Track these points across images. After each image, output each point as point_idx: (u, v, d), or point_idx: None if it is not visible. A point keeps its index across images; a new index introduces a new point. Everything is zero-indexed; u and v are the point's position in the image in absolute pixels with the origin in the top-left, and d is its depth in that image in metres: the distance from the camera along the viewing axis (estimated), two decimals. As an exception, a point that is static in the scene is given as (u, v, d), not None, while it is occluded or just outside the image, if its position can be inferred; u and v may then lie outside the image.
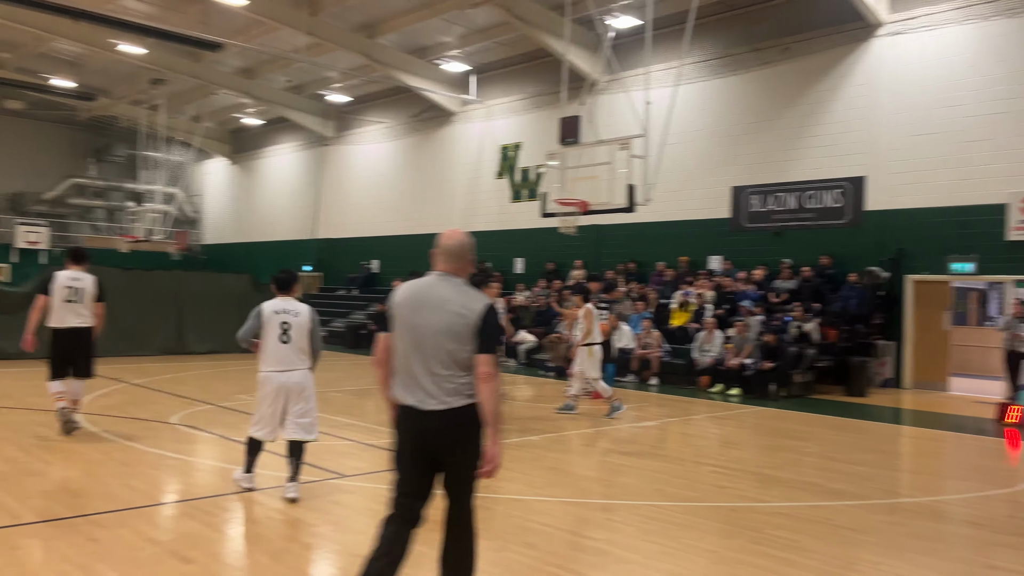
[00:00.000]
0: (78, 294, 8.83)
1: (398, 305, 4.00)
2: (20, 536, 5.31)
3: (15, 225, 32.21)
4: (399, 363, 3.97)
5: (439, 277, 4.01)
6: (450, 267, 4.03)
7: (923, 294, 16.15)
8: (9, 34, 25.58)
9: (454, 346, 3.85)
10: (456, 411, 3.84)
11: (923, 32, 16.06)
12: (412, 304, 3.96)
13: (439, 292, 3.95)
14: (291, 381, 6.40)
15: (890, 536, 5.90)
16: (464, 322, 3.85)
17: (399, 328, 3.97)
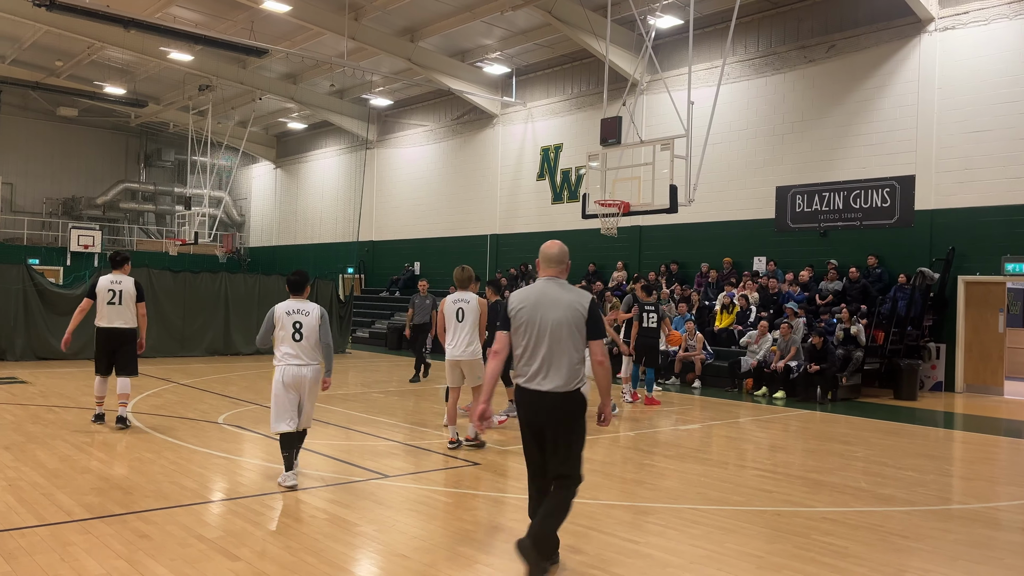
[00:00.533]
0: (118, 296, 9.34)
1: (517, 306, 4.79)
2: (73, 532, 5.44)
3: (70, 229, 33.10)
4: (523, 354, 4.79)
5: (548, 281, 4.85)
6: (554, 271, 4.89)
7: (976, 295, 15.74)
8: (63, 43, 26.35)
9: (571, 335, 4.70)
10: (570, 393, 4.71)
11: (974, 27, 15.66)
12: (532, 304, 4.77)
13: (552, 293, 4.78)
14: (302, 374, 6.81)
15: (942, 543, 5.75)
16: (578, 315, 4.71)
17: (522, 325, 4.78)
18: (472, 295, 8.61)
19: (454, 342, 8.54)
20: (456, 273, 8.75)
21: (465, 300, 8.59)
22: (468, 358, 8.52)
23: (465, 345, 8.51)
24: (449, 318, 8.59)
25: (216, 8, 22.27)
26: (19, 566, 4.75)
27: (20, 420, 9.77)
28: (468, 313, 8.54)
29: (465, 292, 8.66)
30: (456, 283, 8.72)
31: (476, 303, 8.56)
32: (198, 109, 30.73)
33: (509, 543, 5.49)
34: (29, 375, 14.43)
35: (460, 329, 8.52)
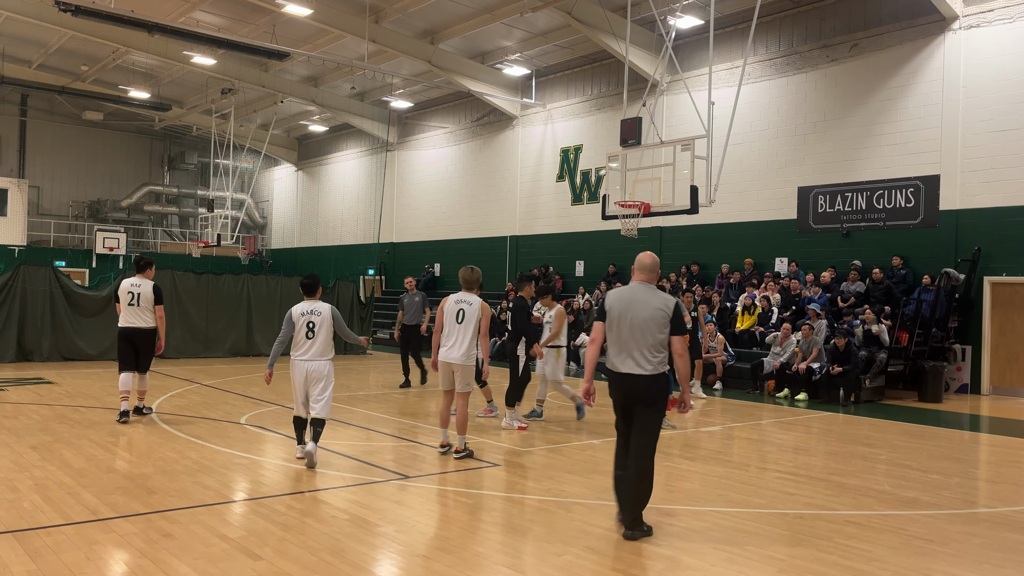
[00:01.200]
0: (137, 298, 10.02)
1: (612, 304, 5.77)
2: (98, 531, 5.51)
3: (95, 231, 33.52)
4: (615, 343, 5.71)
5: (640, 284, 5.80)
6: (646, 277, 5.83)
7: (1002, 296, 15.53)
8: (88, 48, 26.71)
9: (657, 331, 5.63)
10: (654, 376, 5.64)
11: (1000, 25, 15.46)
12: (625, 303, 5.72)
13: (642, 295, 5.73)
14: (313, 368, 7.67)
15: (967, 547, 5.68)
16: (664, 315, 5.64)
17: (615, 319, 5.70)
18: (476, 297, 8.23)
19: (450, 344, 8.12)
20: (463, 273, 8.43)
21: (467, 302, 8.19)
22: (462, 363, 8.06)
23: (462, 348, 8.06)
24: (449, 318, 8.20)
25: (238, 12, 22.47)
26: (45, 564, 4.81)
27: (47, 420, 9.91)
28: (469, 316, 8.11)
29: (469, 293, 8.29)
30: (462, 283, 8.39)
31: (478, 306, 8.13)
32: (221, 112, 31.01)
33: (528, 544, 5.49)
34: (55, 376, 14.64)
35: (458, 331, 8.09)
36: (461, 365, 8.08)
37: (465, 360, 8.05)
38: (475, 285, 8.36)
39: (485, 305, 8.15)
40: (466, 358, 8.05)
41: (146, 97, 30.02)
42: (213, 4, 22.01)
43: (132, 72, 28.92)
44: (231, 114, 29.45)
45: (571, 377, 17.44)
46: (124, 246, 33.72)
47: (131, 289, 10.02)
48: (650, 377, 5.63)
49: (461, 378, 8.15)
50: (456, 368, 8.11)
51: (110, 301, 18.00)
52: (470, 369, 8.12)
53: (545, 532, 5.79)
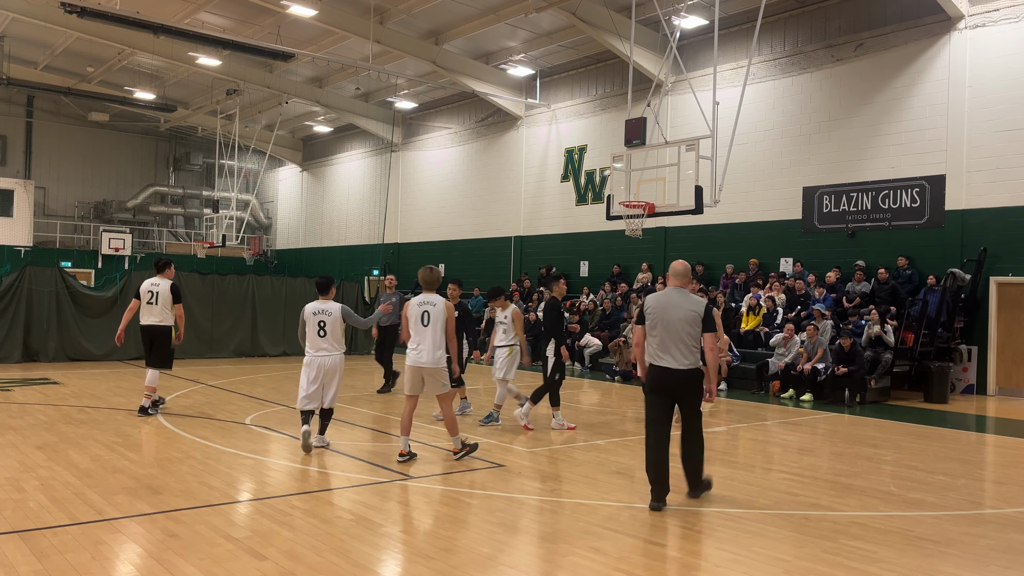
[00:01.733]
0: (155, 297, 10.50)
1: (652, 307, 6.60)
2: (104, 531, 5.53)
3: (101, 232, 33.62)
4: (655, 342, 6.54)
5: (674, 289, 6.64)
6: (680, 282, 6.68)
7: (1008, 297, 15.48)
8: (94, 49, 26.79)
9: (691, 330, 6.45)
10: (691, 370, 6.47)
11: (1005, 24, 15.42)
12: (662, 306, 6.55)
13: (676, 299, 6.56)
14: (327, 362, 8.34)
15: (973, 548, 5.66)
16: (696, 315, 6.46)
17: (655, 321, 6.54)
18: (439, 298, 8.00)
19: (417, 347, 7.88)
20: (423, 274, 8.13)
21: (431, 303, 7.93)
22: (431, 365, 7.84)
23: (429, 352, 7.83)
24: (413, 321, 7.94)
25: (243, 13, 22.51)
26: (51, 564, 4.83)
27: (53, 420, 9.94)
28: (434, 317, 7.87)
29: (431, 294, 8.02)
30: (423, 284, 8.10)
31: (443, 307, 7.92)
32: (226, 113, 31.09)
33: (533, 545, 5.49)
34: (61, 376, 14.68)
35: (425, 334, 7.86)
36: (431, 369, 7.86)
37: (435, 363, 7.85)
38: (436, 286, 8.10)
39: (450, 305, 7.99)
40: (435, 361, 7.86)
41: (151, 98, 30.10)
42: (218, 5, 22.05)
43: (137, 73, 29.00)
44: (236, 115, 29.51)
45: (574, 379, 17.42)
46: (130, 247, 33.82)
47: (151, 288, 10.54)
48: (687, 370, 6.48)
49: (433, 382, 7.93)
50: (425, 372, 7.89)
51: (116, 301, 18.05)
52: (441, 371, 7.91)
53: (550, 532, 5.79)
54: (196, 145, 38.83)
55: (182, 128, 36.77)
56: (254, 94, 29.20)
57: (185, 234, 38.48)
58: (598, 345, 18.94)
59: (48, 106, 34.62)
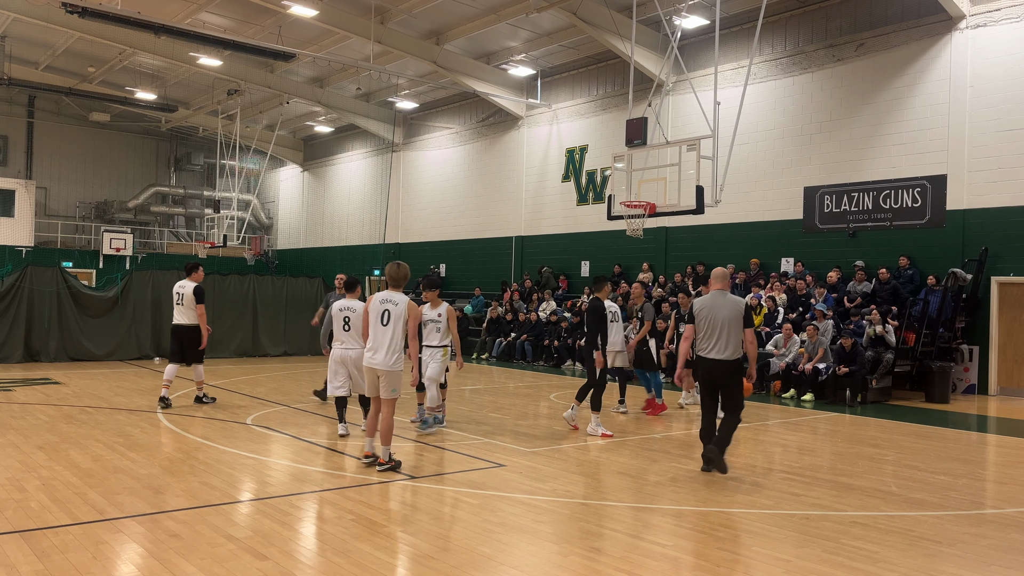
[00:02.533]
0: (181, 299, 11.31)
1: (699, 308, 7.79)
2: (105, 531, 5.53)
3: (102, 232, 33.64)
4: (703, 337, 7.73)
5: (718, 292, 7.81)
6: (721, 286, 7.85)
7: (1010, 296, 15.47)
8: (95, 49, 26.80)
9: (735, 327, 7.62)
10: (733, 360, 7.61)
11: (1007, 24, 15.41)
12: (709, 307, 7.74)
13: (720, 300, 7.75)
14: (349, 355, 8.75)
15: (975, 548, 5.66)
16: (738, 314, 7.66)
17: (703, 320, 7.74)
18: (402, 296, 7.54)
19: (374, 348, 7.48)
20: (389, 270, 7.69)
21: (393, 302, 7.51)
22: (387, 368, 7.41)
23: (387, 353, 7.41)
24: (373, 319, 7.53)
25: (244, 13, 22.52)
26: (52, 564, 4.83)
27: (54, 420, 9.95)
28: (395, 317, 7.46)
29: (395, 292, 7.60)
30: (389, 281, 7.67)
31: (405, 306, 7.48)
32: (227, 113, 31.09)
33: (533, 545, 5.49)
34: (63, 376, 14.69)
35: (383, 334, 7.44)
36: (386, 371, 7.43)
37: (391, 365, 7.42)
38: (402, 282, 7.67)
39: (412, 304, 7.54)
40: (392, 363, 7.43)
41: (152, 98, 30.12)
42: (219, 5, 22.06)
43: (138, 73, 29.01)
44: (237, 115, 29.52)
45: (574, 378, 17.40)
46: (131, 247, 33.85)
47: (178, 290, 11.38)
48: (730, 361, 7.61)
49: (387, 384, 7.49)
50: (381, 374, 7.46)
51: (117, 301, 18.08)
52: (395, 375, 7.49)
53: (550, 532, 5.79)
54: (197, 145, 38.85)
55: (183, 128, 36.79)
56: (255, 94, 29.21)
57: (186, 234, 38.50)
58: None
59: (49, 106, 34.64)
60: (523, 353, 20.77)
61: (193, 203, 38.66)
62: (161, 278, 18.66)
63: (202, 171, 39.53)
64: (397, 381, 7.55)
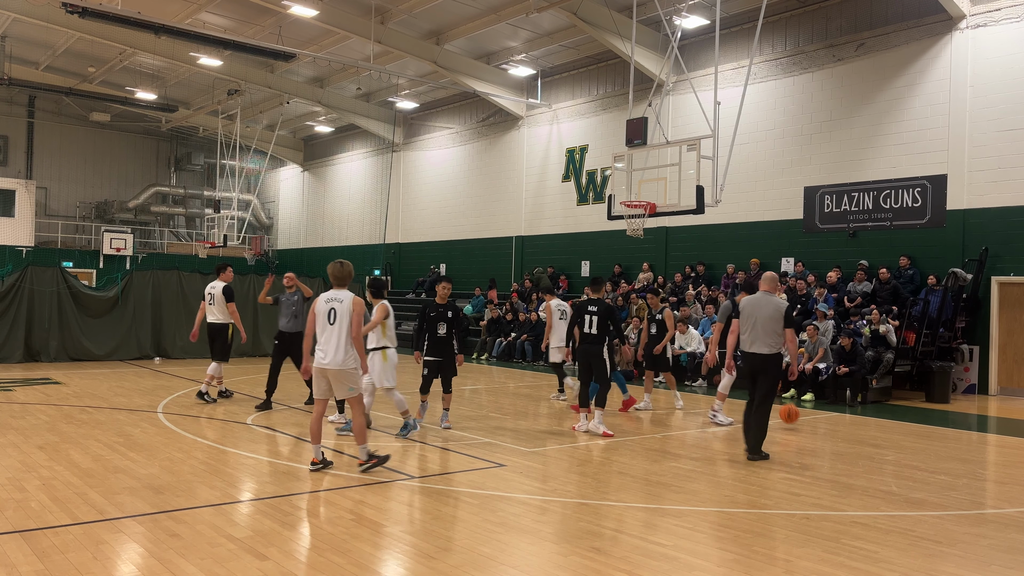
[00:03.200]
0: (213, 299, 11.94)
1: (745, 307, 8.65)
2: (105, 531, 5.53)
3: (102, 232, 33.64)
4: (747, 333, 8.52)
5: (764, 294, 8.62)
6: (768, 288, 8.65)
7: (1010, 296, 15.47)
8: (95, 49, 26.80)
9: (775, 326, 8.41)
10: (773, 355, 8.43)
11: (1007, 24, 15.40)
12: (754, 306, 8.57)
13: (764, 300, 8.56)
14: None
15: (975, 548, 5.66)
16: (779, 313, 8.44)
17: (748, 317, 8.55)
18: (347, 294, 7.41)
19: (324, 347, 7.34)
20: (331, 268, 7.55)
21: (338, 300, 7.39)
22: (335, 367, 7.28)
23: (334, 351, 7.27)
24: (320, 319, 7.41)
25: (244, 13, 22.52)
26: (52, 564, 4.83)
27: (54, 420, 9.95)
28: (341, 315, 7.32)
29: (340, 291, 7.46)
30: (332, 280, 7.52)
31: (350, 303, 7.33)
32: (227, 113, 31.09)
33: (533, 545, 5.49)
34: (63, 376, 14.69)
35: (331, 333, 7.31)
36: (335, 371, 7.30)
37: (339, 365, 7.27)
38: (346, 281, 7.53)
39: (358, 300, 7.36)
40: (342, 362, 7.28)
41: (153, 98, 30.12)
42: (219, 5, 22.06)
43: (139, 73, 29.01)
44: (237, 115, 29.52)
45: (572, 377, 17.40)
46: (131, 247, 33.84)
47: (209, 290, 12.02)
48: (770, 355, 8.41)
49: (341, 384, 7.35)
50: (331, 374, 7.32)
51: (117, 301, 18.08)
52: (348, 374, 7.33)
53: (551, 532, 5.79)
54: (197, 145, 38.84)
55: (183, 128, 36.79)
56: (255, 94, 29.21)
57: (186, 234, 38.50)
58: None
59: (49, 106, 34.64)
60: (523, 353, 20.76)
61: (193, 203, 38.66)
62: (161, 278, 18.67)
63: (202, 171, 39.53)
64: (351, 379, 7.37)
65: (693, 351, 16.36)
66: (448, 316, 9.73)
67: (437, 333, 9.72)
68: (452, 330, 9.75)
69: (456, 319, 9.83)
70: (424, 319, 9.82)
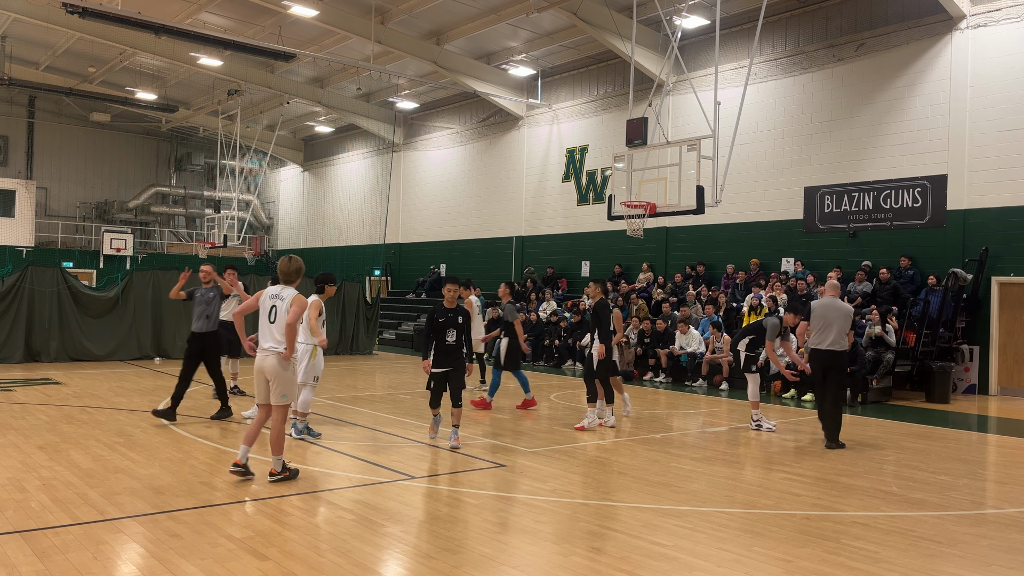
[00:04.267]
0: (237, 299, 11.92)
1: (816, 309, 9.66)
2: (105, 531, 5.53)
3: (102, 232, 33.65)
4: (818, 332, 9.59)
5: (831, 298, 9.74)
6: (834, 293, 9.83)
7: (1010, 297, 15.47)
8: (96, 49, 26.81)
9: (845, 326, 9.53)
10: (843, 352, 9.59)
11: (1007, 24, 15.40)
12: (824, 308, 9.60)
13: (834, 303, 9.65)
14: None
15: (975, 548, 5.66)
16: (848, 317, 9.60)
17: (821, 319, 9.57)
18: (291, 291, 6.95)
19: (262, 347, 6.97)
20: (280, 264, 7.12)
21: (281, 297, 6.94)
22: (276, 369, 6.85)
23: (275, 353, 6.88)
24: (261, 316, 6.99)
25: (244, 14, 22.52)
26: (52, 564, 4.83)
27: (54, 420, 9.94)
28: (281, 313, 6.88)
29: (285, 288, 7.01)
30: (280, 276, 7.11)
31: (291, 301, 6.88)
32: (227, 113, 31.10)
33: (533, 545, 5.49)
34: (63, 376, 14.68)
35: (271, 332, 6.90)
36: (272, 371, 6.88)
37: (276, 365, 6.85)
38: (294, 277, 7.06)
39: (299, 298, 6.89)
40: (281, 364, 6.86)
41: (153, 98, 30.13)
42: (219, 6, 22.07)
43: (139, 74, 29.02)
44: (237, 115, 29.53)
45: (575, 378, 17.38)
46: (131, 247, 33.84)
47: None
48: (841, 352, 9.53)
49: (277, 388, 6.90)
50: (270, 376, 6.89)
51: (117, 301, 18.07)
52: (287, 378, 6.93)
53: (551, 532, 5.79)
54: (197, 145, 38.85)
55: (183, 128, 36.79)
56: (255, 94, 29.22)
57: (187, 234, 38.50)
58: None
59: (50, 106, 34.65)
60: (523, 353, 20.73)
61: (193, 203, 38.66)
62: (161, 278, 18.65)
63: (202, 171, 39.54)
64: (286, 385, 6.92)
65: (693, 351, 16.36)
66: (459, 322, 8.77)
67: (446, 341, 8.73)
68: (462, 337, 8.81)
69: (467, 325, 8.90)
70: (432, 325, 8.80)
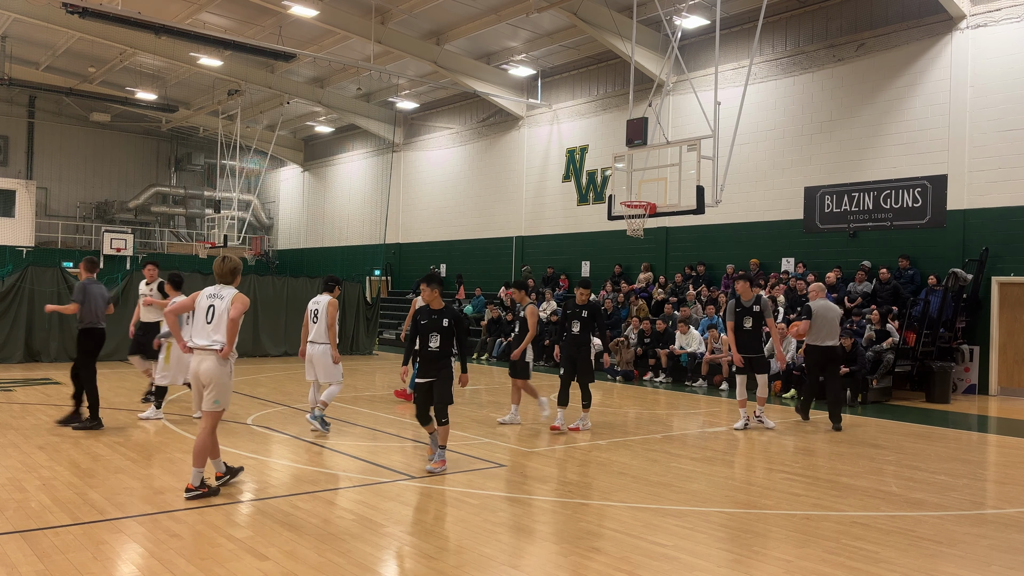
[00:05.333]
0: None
1: (818, 310, 10.85)
2: (105, 531, 5.53)
3: (102, 232, 33.66)
4: (818, 330, 10.85)
5: (825, 299, 11.17)
6: (823, 295, 11.13)
7: (1010, 297, 15.47)
8: (96, 50, 26.81)
9: (836, 323, 10.94)
10: (835, 347, 11.08)
11: (1007, 24, 15.40)
12: (823, 309, 10.86)
13: (828, 304, 11.03)
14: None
15: (975, 549, 5.66)
16: (840, 315, 11.19)
17: (818, 318, 10.79)
18: (230, 290, 6.64)
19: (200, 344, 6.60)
20: (215, 265, 6.80)
21: (219, 296, 6.61)
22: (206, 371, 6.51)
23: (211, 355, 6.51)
24: (198, 316, 6.65)
25: (245, 14, 22.53)
26: (52, 564, 4.83)
27: (54, 420, 9.94)
28: (219, 313, 6.53)
29: (223, 288, 6.68)
30: (216, 276, 6.78)
31: (230, 300, 6.56)
32: (227, 113, 31.10)
33: (534, 545, 5.49)
34: (63, 376, 14.67)
35: (209, 331, 6.55)
36: (212, 375, 6.49)
37: (213, 367, 6.49)
38: (230, 278, 6.73)
39: (240, 295, 6.61)
40: (219, 363, 6.50)
41: (153, 98, 30.14)
42: (220, 6, 22.07)
43: (139, 74, 29.02)
44: (237, 115, 29.53)
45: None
46: (131, 247, 33.84)
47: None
48: (836, 347, 10.98)
49: (212, 392, 6.52)
50: (206, 380, 6.52)
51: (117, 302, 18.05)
52: (224, 384, 6.55)
53: (551, 532, 5.79)
54: (197, 145, 38.86)
55: (183, 128, 36.80)
56: (255, 94, 29.22)
57: (187, 234, 38.52)
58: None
59: (50, 107, 34.66)
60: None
61: (194, 203, 38.68)
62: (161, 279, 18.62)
63: (202, 171, 39.55)
64: (223, 391, 6.54)
65: (694, 351, 16.36)
66: (443, 325, 7.62)
67: (428, 347, 7.61)
68: (449, 342, 7.66)
69: (454, 329, 7.70)
70: (415, 328, 7.78)
